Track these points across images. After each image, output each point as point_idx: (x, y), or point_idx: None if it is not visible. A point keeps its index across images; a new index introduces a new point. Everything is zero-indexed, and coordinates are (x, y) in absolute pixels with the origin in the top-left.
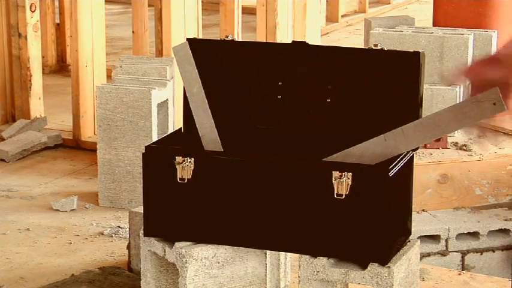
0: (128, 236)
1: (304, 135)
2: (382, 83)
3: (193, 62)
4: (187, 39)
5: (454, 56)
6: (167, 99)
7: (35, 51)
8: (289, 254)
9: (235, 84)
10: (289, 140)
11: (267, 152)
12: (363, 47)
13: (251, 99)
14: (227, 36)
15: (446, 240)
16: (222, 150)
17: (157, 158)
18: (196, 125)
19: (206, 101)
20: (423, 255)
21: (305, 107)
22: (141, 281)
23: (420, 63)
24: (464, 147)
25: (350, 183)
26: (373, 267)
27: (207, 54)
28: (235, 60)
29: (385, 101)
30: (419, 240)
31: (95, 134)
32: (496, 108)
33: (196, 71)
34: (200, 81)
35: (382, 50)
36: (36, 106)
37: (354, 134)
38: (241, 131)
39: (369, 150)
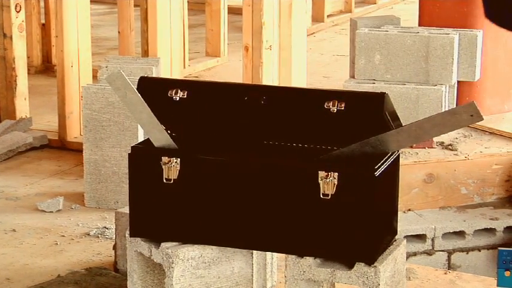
0: (114, 236)
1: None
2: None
3: (133, 87)
4: (140, 77)
5: (440, 55)
6: None
7: (20, 52)
8: (275, 254)
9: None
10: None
11: (254, 152)
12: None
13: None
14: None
15: (433, 240)
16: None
17: (144, 158)
18: (153, 143)
19: (155, 118)
20: (409, 255)
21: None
22: (128, 282)
23: (384, 105)
24: (450, 147)
25: (336, 183)
26: (360, 266)
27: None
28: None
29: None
30: (405, 240)
31: (80, 134)
32: (473, 119)
33: (138, 94)
34: (144, 103)
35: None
36: (22, 106)
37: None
38: (226, 135)
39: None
